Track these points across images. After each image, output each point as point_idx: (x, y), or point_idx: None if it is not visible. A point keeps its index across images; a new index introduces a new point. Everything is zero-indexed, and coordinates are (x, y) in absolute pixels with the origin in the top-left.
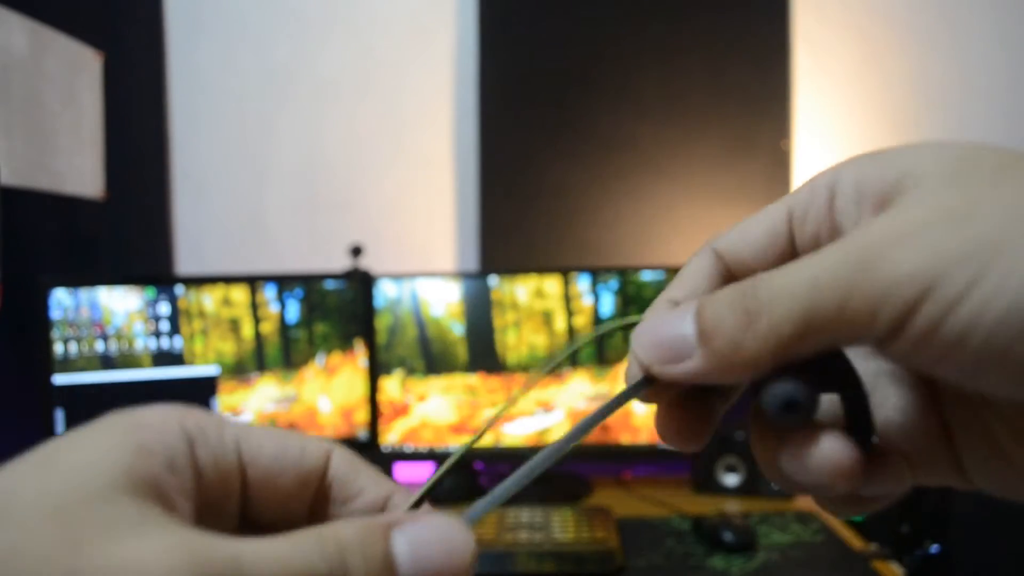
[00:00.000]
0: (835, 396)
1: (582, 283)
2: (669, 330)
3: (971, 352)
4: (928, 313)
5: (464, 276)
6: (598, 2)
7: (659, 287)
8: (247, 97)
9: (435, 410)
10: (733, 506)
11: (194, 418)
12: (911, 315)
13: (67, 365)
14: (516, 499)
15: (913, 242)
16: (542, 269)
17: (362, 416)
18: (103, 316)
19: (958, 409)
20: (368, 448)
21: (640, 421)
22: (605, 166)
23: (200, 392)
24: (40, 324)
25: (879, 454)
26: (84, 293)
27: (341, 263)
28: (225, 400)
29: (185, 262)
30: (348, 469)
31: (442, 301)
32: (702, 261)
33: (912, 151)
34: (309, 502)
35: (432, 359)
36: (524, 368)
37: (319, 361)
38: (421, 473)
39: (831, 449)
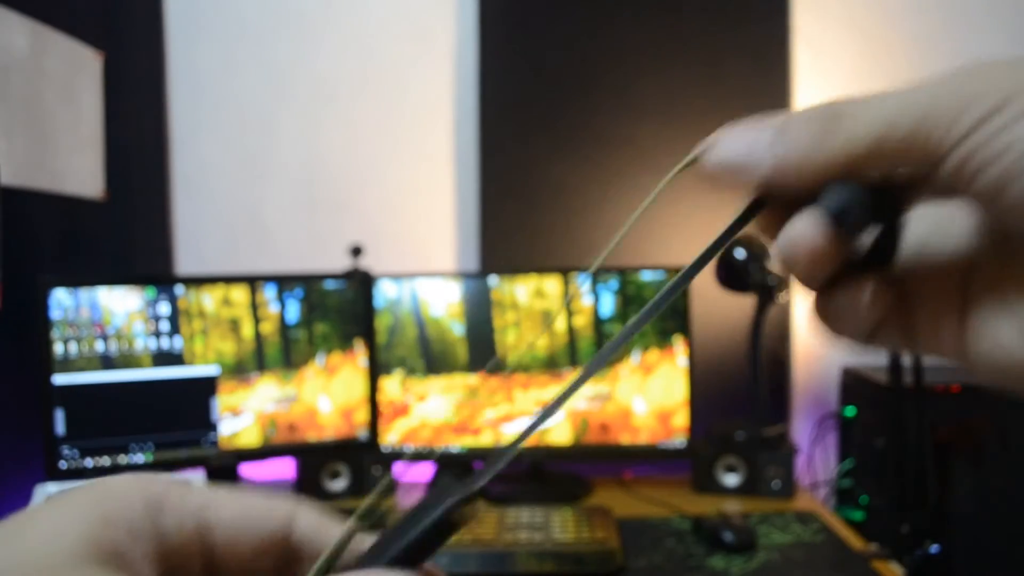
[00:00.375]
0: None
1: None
2: (750, 132)
3: (1003, 167)
4: (991, 126)
5: (464, 276)
6: (598, 2)
7: (659, 287)
8: (247, 97)
9: (435, 410)
10: (733, 506)
11: (157, 486)
12: (979, 126)
13: (67, 365)
14: (516, 499)
15: (1000, 70)
16: (542, 269)
17: (362, 416)
18: (103, 316)
19: (983, 261)
20: (368, 448)
21: (640, 421)
22: (605, 166)
23: (200, 392)
24: (40, 324)
25: (864, 276)
26: (84, 293)
27: (341, 263)
28: (225, 400)
29: (185, 262)
30: (316, 527)
31: (442, 301)
32: None
33: None
34: (275, 562)
35: (432, 359)
36: (524, 368)
37: (319, 361)
38: (421, 473)
39: (809, 220)
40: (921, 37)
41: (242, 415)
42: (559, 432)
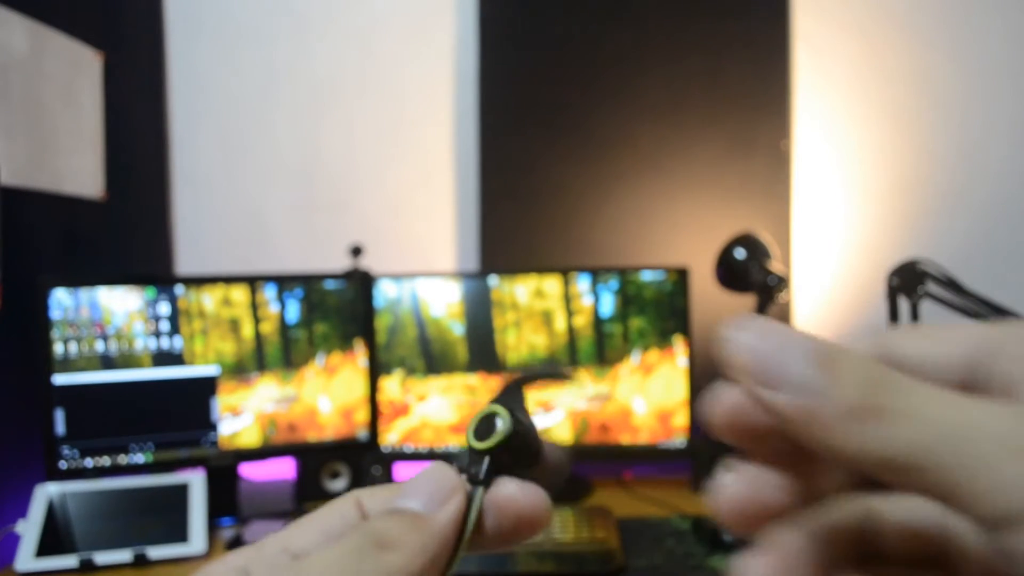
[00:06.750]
0: None
1: (582, 283)
2: (784, 354)
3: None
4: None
5: (464, 276)
6: (598, 2)
7: (659, 287)
8: (247, 97)
9: (435, 410)
10: None
11: (243, 556)
12: (1008, 528)
13: (67, 365)
14: None
15: None
16: (542, 269)
17: (362, 416)
18: (103, 316)
19: None
20: (368, 448)
21: (640, 421)
22: (605, 166)
23: (200, 392)
24: (40, 324)
25: None
26: (84, 293)
27: (341, 263)
28: (225, 400)
29: (185, 262)
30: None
31: (442, 301)
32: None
33: None
34: None
35: (432, 359)
36: (524, 368)
37: (319, 361)
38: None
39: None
40: (921, 37)
41: (242, 415)
42: (559, 432)
